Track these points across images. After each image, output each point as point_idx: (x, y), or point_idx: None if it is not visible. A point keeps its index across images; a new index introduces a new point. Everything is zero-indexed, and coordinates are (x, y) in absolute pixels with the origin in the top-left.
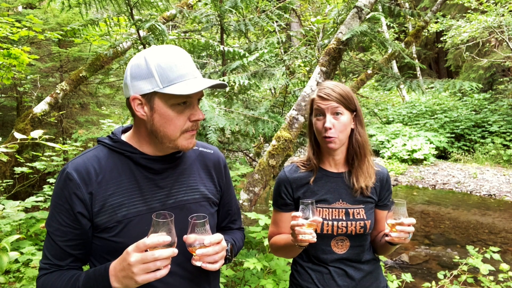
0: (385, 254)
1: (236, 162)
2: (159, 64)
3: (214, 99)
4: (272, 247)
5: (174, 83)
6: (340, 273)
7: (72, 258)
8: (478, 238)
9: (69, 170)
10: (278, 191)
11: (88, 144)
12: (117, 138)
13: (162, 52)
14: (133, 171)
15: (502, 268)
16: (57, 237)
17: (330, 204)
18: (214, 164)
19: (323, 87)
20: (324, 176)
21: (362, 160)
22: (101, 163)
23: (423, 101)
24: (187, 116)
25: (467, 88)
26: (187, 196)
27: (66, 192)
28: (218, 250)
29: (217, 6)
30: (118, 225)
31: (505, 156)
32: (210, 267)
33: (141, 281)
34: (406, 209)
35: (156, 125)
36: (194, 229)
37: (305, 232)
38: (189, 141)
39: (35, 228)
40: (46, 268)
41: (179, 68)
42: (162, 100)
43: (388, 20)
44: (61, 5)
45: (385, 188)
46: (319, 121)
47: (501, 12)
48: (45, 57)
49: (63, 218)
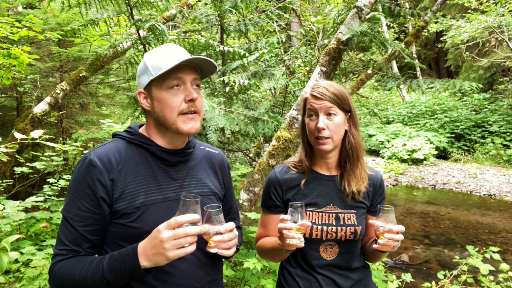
0: (375, 261)
1: (236, 162)
2: (153, 58)
3: (214, 99)
4: (259, 250)
5: (163, 68)
6: (328, 282)
7: (90, 244)
8: (478, 238)
9: (91, 157)
10: (267, 192)
11: (88, 144)
12: (135, 131)
13: (157, 49)
14: (150, 162)
15: (502, 268)
16: (76, 222)
17: (321, 208)
18: (219, 163)
19: (316, 86)
20: (316, 179)
21: (355, 164)
22: (120, 153)
23: (423, 101)
24: (182, 98)
25: (467, 88)
26: (197, 189)
27: (89, 178)
28: (232, 237)
29: (217, 6)
30: (136, 212)
31: (505, 156)
32: (225, 253)
33: (172, 256)
34: (394, 215)
35: (157, 111)
36: (210, 218)
37: (293, 237)
38: (188, 125)
39: (35, 228)
40: (63, 254)
41: (166, 56)
42: (157, 86)
43: (388, 20)
44: (61, 5)
45: (378, 193)
46: (312, 121)
47: (501, 12)
48: (45, 57)
49: (83, 203)
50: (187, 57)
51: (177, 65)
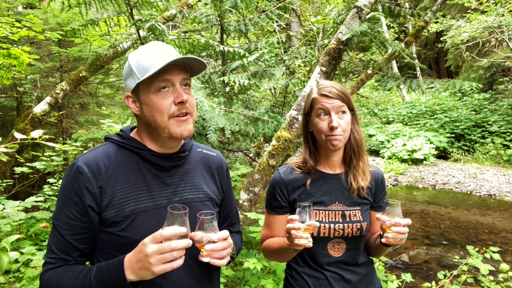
0: (379, 256)
1: (236, 162)
2: (137, 59)
3: (214, 99)
4: (265, 251)
5: (150, 70)
6: (336, 278)
7: (79, 253)
8: (478, 238)
9: (79, 164)
10: (272, 193)
11: (88, 144)
12: (126, 135)
13: (140, 49)
14: (141, 167)
15: (502, 268)
16: (64, 230)
17: (327, 207)
18: (217, 166)
19: (323, 86)
20: (321, 178)
21: (361, 159)
22: (110, 158)
23: (423, 101)
24: (171, 100)
25: (467, 88)
26: (192, 194)
27: (76, 185)
28: (225, 246)
29: (217, 6)
30: (125, 220)
31: (505, 156)
32: (218, 262)
33: (158, 271)
34: (400, 209)
35: (147, 115)
36: (203, 226)
37: (301, 236)
38: (181, 127)
39: (35, 228)
40: (52, 263)
41: (153, 56)
42: (144, 90)
43: (388, 20)
44: (61, 5)
45: (380, 189)
46: (322, 120)
47: (501, 12)
48: (45, 57)
49: (72, 211)
50: (173, 57)
51: (164, 67)
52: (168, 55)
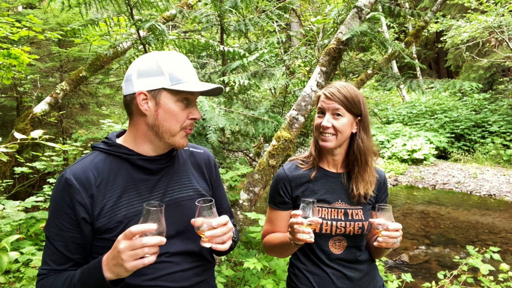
0: (379, 256)
1: (236, 162)
2: (169, 64)
3: (214, 99)
4: (266, 246)
5: (181, 82)
6: (338, 276)
7: (72, 263)
8: (478, 238)
9: (67, 176)
10: (276, 189)
11: (88, 144)
12: (112, 142)
13: (171, 55)
14: (130, 172)
15: (502, 268)
16: (57, 241)
17: (330, 204)
18: (205, 162)
19: (330, 86)
20: (324, 176)
21: (363, 167)
22: (98, 167)
23: (423, 101)
24: (187, 114)
25: (467, 88)
26: (182, 193)
27: (67, 197)
28: (226, 231)
29: (217, 6)
30: (119, 225)
31: (505, 156)
32: (220, 247)
33: (130, 267)
34: (391, 214)
35: (160, 119)
36: (201, 213)
37: (304, 231)
38: (184, 139)
39: (35, 228)
40: (45, 274)
41: (185, 71)
42: (168, 96)
43: (388, 20)
44: (61, 5)
45: (382, 191)
46: (319, 118)
47: (501, 12)
48: (45, 57)
49: (63, 222)
50: (210, 86)
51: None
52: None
